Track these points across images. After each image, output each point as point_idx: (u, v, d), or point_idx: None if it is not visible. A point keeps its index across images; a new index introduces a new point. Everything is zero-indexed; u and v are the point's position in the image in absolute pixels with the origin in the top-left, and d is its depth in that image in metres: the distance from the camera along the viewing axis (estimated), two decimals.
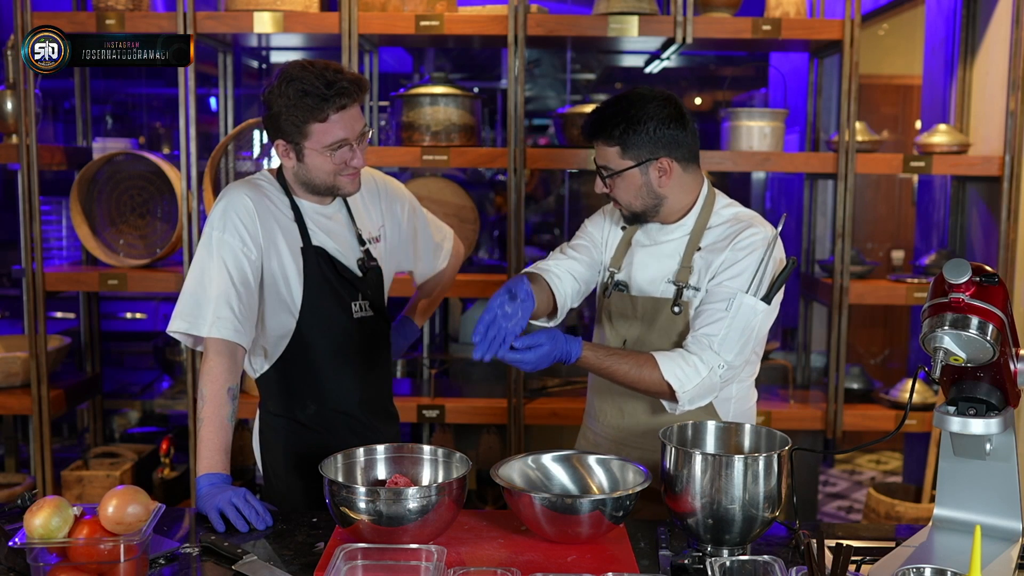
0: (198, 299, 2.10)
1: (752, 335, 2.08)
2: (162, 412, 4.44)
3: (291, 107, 2.08)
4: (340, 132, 2.11)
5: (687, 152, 2.14)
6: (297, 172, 2.19)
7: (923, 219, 4.40)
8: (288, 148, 2.15)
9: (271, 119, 2.13)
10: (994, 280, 1.64)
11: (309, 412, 2.27)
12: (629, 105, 2.10)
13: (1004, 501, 1.77)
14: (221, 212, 2.14)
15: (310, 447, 2.25)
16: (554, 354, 1.93)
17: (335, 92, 2.07)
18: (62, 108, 5.03)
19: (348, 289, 2.26)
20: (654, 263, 2.20)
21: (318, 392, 2.27)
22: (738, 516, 1.72)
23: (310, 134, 2.10)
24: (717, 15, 3.47)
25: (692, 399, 2.04)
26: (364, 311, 2.30)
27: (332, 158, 2.13)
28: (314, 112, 2.07)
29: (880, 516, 3.71)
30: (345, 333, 2.26)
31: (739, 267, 2.08)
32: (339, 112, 2.09)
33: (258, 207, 2.16)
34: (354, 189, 2.21)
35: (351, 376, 2.29)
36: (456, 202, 3.64)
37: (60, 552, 1.63)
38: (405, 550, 1.67)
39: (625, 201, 2.16)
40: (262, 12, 3.37)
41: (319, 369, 2.25)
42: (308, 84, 2.06)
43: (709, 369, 2.03)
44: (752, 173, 5.33)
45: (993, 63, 3.70)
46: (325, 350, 2.25)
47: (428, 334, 4.05)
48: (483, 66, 5.97)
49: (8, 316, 4.94)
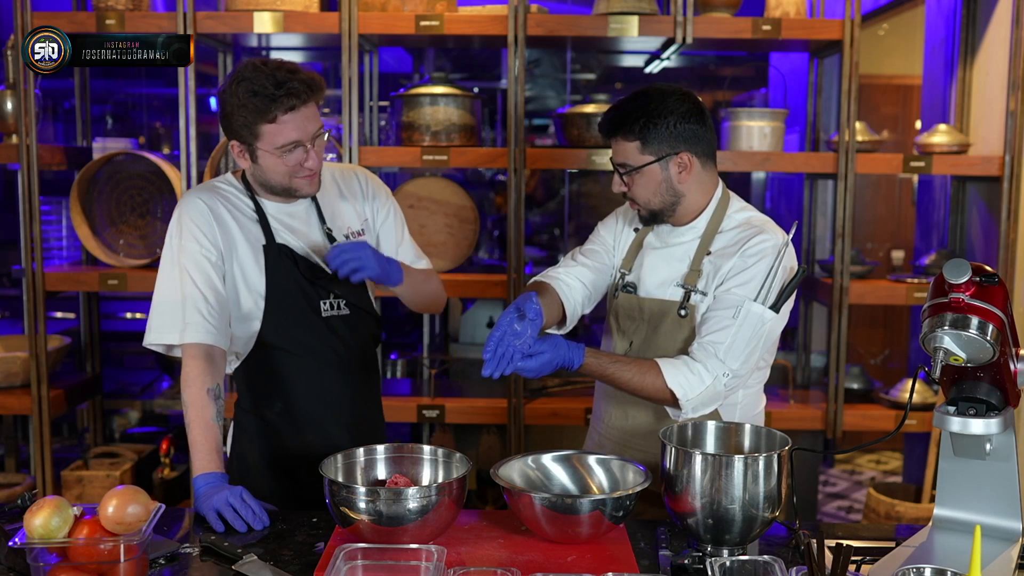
0: (165, 309, 2.10)
1: (759, 343, 2.07)
2: (162, 412, 4.45)
3: (241, 107, 2.05)
4: (292, 134, 2.07)
5: (706, 148, 2.13)
6: (253, 173, 2.17)
7: (923, 219, 4.40)
8: (242, 149, 2.12)
9: (225, 119, 2.11)
10: (994, 280, 1.64)
11: (276, 411, 2.24)
12: (649, 100, 2.09)
13: (1004, 501, 1.77)
14: (177, 219, 2.13)
15: (277, 447, 2.24)
16: (556, 361, 1.93)
17: (284, 92, 2.03)
18: (62, 108, 5.03)
19: (316, 287, 2.21)
20: (664, 266, 2.19)
21: (285, 392, 2.23)
22: (738, 516, 1.72)
23: (261, 135, 2.07)
24: (717, 15, 3.47)
25: (696, 407, 2.03)
26: (337, 310, 2.24)
27: (285, 160, 2.09)
28: (263, 113, 2.04)
29: (880, 516, 3.70)
30: (313, 332, 2.21)
31: (748, 274, 2.07)
32: (289, 113, 2.05)
33: (213, 209, 2.14)
34: (312, 190, 2.17)
35: (321, 376, 2.24)
36: (456, 202, 3.65)
37: (60, 552, 1.63)
38: (405, 550, 1.67)
39: (643, 199, 2.14)
40: (262, 12, 3.37)
41: (286, 368, 2.22)
42: (257, 84, 2.03)
43: (713, 377, 2.02)
44: (752, 173, 5.33)
45: (993, 63, 3.70)
46: (292, 349, 2.21)
47: (428, 334, 4.05)
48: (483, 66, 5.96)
49: (8, 316, 4.94)
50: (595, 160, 3.49)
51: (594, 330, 4.69)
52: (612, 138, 2.14)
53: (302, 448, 2.22)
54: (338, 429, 2.26)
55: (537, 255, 5.23)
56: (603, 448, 2.26)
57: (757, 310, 2.04)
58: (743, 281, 2.07)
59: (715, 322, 2.06)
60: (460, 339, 4.11)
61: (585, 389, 3.69)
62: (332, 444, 2.15)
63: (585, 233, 2.45)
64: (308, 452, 2.17)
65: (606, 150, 3.49)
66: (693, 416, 2.04)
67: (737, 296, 2.06)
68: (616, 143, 2.13)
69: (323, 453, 1.97)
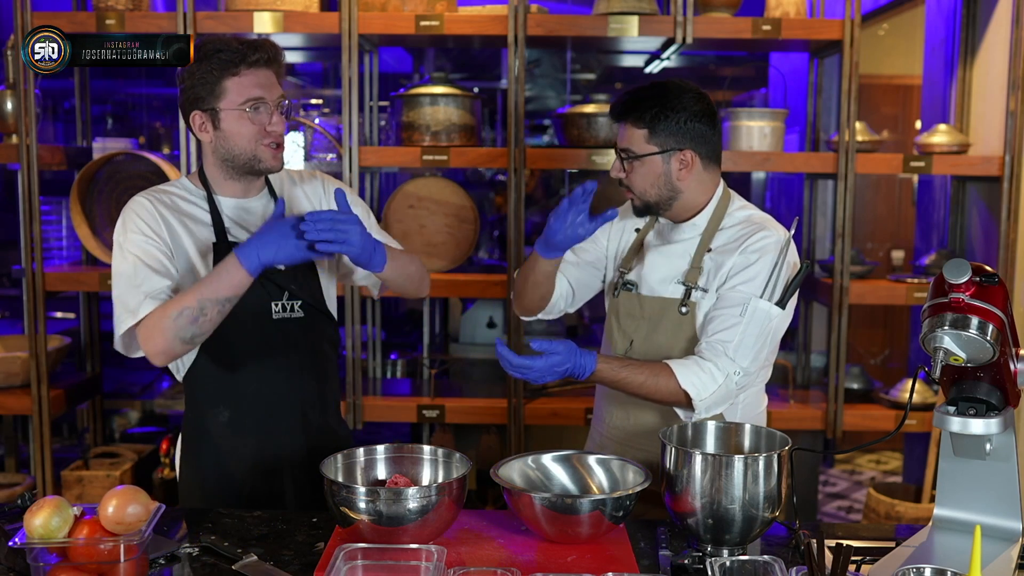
0: (125, 297, 2.02)
1: (767, 340, 2.07)
2: (162, 412, 4.44)
3: (204, 70, 2.03)
4: (255, 90, 2.05)
5: (711, 150, 2.15)
6: (216, 147, 2.10)
7: (923, 219, 4.40)
8: (204, 119, 2.08)
9: (185, 92, 2.08)
10: (994, 280, 1.64)
11: (223, 419, 2.15)
12: (666, 92, 2.10)
13: (1004, 501, 1.77)
14: (122, 219, 2.08)
15: (227, 457, 2.16)
16: (566, 364, 1.93)
17: (247, 47, 2.04)
18: (62, 108, 5.02)
19: (267, 288, 2.10)
20: (665, 263, 2.19)
21: (231, 397, 2.14)
22: (738, 516, 1.72)
23: (224, 92, 2.04)
24: (717, 15, 3.47)
25: (709, 407, 2.03)
26: (289, 311, 2.14)
27: (250, 118, 2.05)
28: (227, 67, 2.03)
29: (880, 516, 3.71)
30: (261, 335, 2.12)
31: (752, 271, 2.07)
32: (252, 68, 2.05)
33: (158, 207, 2.09)
34: (276, 164, 2.11)
35: (271, 382, 2.14)
36: (456, 202, 3.65)
37: (60, 552, 1.63)
38: (405, 550, 1.67)
39: (640, 188, 2.15)
40: (262, 12, 3.37)
41: (232, 373, 2.13)
42: (220, 44, 2.04)
43: (725, 376, 2.02)
44: (752, 173, 5.33)
45: (993, 63, 3.70)
46: (237, 353, 2.11)
47: (428, 334, 4.05)
48: (483, 66, 5.97)
49: (8, 316, 4.94)
50: (595, 160, 3.48)
51: (594, 330, 4.70)
52: (621, 122, 2.14)
53: (251, 458, 2.14)
54: (289, 438, 2.17)
55: None
56: (605, 449, 2.25)
57: (763, 307, 2.05)
58: (747, 278, 2.07)
59: (722, 321, 2.06)
60: (460, 339, 4.11)
61: (585, 389, 3.69)
62: (281, 455, 2.12)
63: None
64: (257, 462, 2.13)
65: (606, 150, 3.50)
66: (706, 416, 2.04)
67: (743, 294, 2.06)
68: (624, 127, 2.14)
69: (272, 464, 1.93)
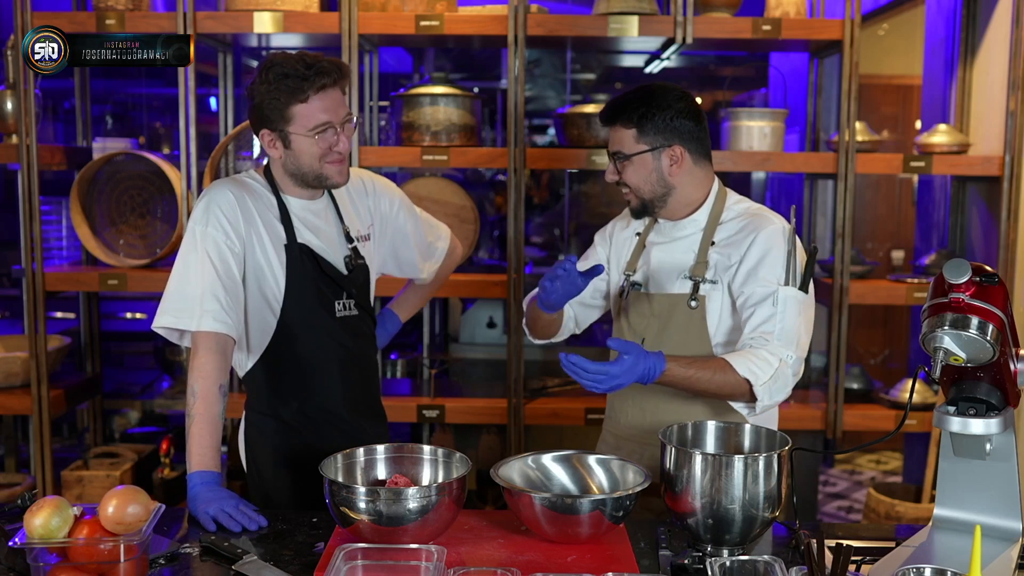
0: (184, 294, 2.10)
1: (803, 324, 2.08)
2: (162, 412, 4.44)
3: (272, 92, 2.08)
4: (322, 115, 2.11)
5: (699, 146, 2.19)
6: (285, 163, 2.18)
7: (923, 219, 4.40)
8: (274, 138, 2.15)
9: (255, 110, 2.14)
10: (994, 280, 1.64)
11: (292, 410, 2.26)
12: (650, 93, 2.17)
13: (1004, 501, 1.77)
14: (204, 207, 2.14)
15: (295, 447, 2.25)
16: (639, 367, 1.92)
17: (315, 72, 2.08)
18: (62, 108, 5.03)
19: (332, 287, 2.24)
20: (669, 260, 2.22)
21: (301, 390, 2.26)
22: (738, 516, 1.72)
23: (293, 117, 2.10)
24: (717, 15, 3.47)
25: (771, 393, 2.01)
26: (348, 310, 2.28)
27: (317, 141, 2.12)
28: (295, 93, 2.08)
29: (880, 516, 3.71)
30: (327, 331, 2.25)
31: (768, 263, 2.10)
32: (320, 92, 2.10)
33: (240, 202, 2.16)
34: (342, 180, 2.20)
35: (334, 375, 2.28)
36: (456, 202, 3.64)
37: (60, 552, 1.63)
38: (405, 550, 1.67)
39: (635, 185, 2.19)
40: (262, 12, 3.37)
41: (301, 367, 2.25)
42: (288, 67, 2.08)
43: (779, 360, 2.02)
44: (752, 173, 5.33)
45: (993, 63, 3.70)
46: (307, 348, 2.24)
47: (428, 334, 4.05)
48: (483, 66, 5.96)
49: (8, 316, 4.94)
50: (595, 160, 3.48)
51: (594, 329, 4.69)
52: (611, 126, 2.21)
53: (319, 446, 2.20)
54: (350, 426, 2.29)
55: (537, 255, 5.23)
56: (620, 450, 2.23)
57: (791, 293, 2.07)
58: (767, 271, 2.09)
59: (758, 315, 2.07)
60: (460, 339, 4.11)
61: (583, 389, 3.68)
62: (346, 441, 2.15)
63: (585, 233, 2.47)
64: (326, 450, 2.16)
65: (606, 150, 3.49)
66: (769, 404, 2.03)
67: (768, 286, 2.08)
68: (614, 131, 2.20)
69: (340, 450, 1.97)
